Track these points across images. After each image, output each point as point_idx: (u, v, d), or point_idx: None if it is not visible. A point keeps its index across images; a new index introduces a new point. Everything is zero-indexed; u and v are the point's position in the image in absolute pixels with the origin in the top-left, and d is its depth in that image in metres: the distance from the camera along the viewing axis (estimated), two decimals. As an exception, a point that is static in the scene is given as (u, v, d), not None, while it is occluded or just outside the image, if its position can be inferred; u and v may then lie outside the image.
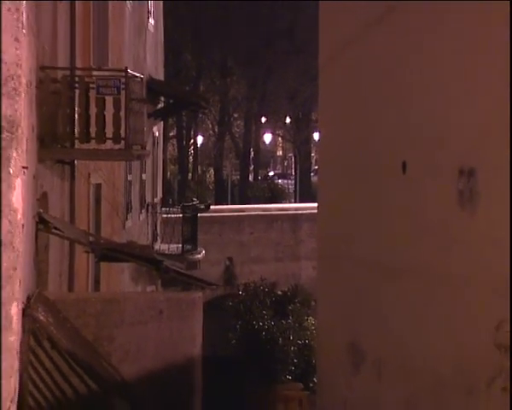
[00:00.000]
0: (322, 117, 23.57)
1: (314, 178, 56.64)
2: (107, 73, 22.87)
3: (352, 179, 19.19)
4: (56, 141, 19.92)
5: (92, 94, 21.33)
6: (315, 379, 22.95)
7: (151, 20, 34.23)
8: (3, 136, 7.19)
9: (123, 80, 22.18)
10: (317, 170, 42.27)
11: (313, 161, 64.38)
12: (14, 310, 7.23)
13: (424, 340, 15.49)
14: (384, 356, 17.20)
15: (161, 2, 37.11)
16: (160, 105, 32.69)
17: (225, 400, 18.31)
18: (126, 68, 23.40)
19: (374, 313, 17.69)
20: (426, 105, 15.85)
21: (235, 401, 20.39)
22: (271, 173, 77.22)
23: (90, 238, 21.76)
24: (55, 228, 18.17)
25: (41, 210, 16.39)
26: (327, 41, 20.77)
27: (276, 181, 75.43)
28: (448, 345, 14.38)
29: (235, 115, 70.68)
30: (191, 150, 68.06)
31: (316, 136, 43.47)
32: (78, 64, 22.29)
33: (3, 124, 7.20)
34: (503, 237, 12.60)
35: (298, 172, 70.47)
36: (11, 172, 7.20)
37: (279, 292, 33.67)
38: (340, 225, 19.95)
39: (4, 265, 7.15)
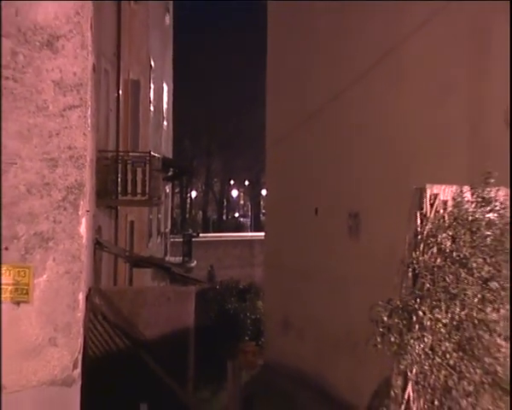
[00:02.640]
0: (268, 181, 23.67)
1: (262, 218, 56.49)
2: (137, 154, 22.83)
3: (285, 218, 19.22)
4: (107, 194, 19.93)
5: (129, 167, 21.35)
6: (262, 339, 22.86)
7: (165, 122, 34.24)
8: (75, 191, 7.18)
9: (148, 158, 22.20)
10: (264, 213, 42.18)
11: (261, 207, 64.05)
12: (81, 297, 7.19)
13: (328, 316, 15.51)
14: (303, 326, 17.21)
15: (171, 110, 37.01)
16: (170, 173, 32.57)
17: (207, 353, 18.32)
18: (150, 151, 23.46)
19: (297, 300, 17.69)
20: (329, 175, 15.95)
21: (213, 353, 20.35)
22: (237, 215, 76.81)
23: (127, 253, 21.69)
24: (106, 247, 18.11)
25: (97, 236, 16.33)
26: (269, 137, 20.85)
27: (239, 219, 75.24)
28: (343, 319, 14.42)
29: (215, 179, 70.72)
30: (188, 200, 67.86)
31: (263, 192, 43.52)
32: (121, 148, 22.27)
33: (75, 185, 7.18)
34: (375, 254, 12.67)
35: (252, 213, 70.68)
36: (79, 213, 7.14)
37: (241, 286, 33.52)
38: (278, 246, 19.94)
39: (75, 270, 7.12)
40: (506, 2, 10.27)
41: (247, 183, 72.21)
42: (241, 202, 78.13)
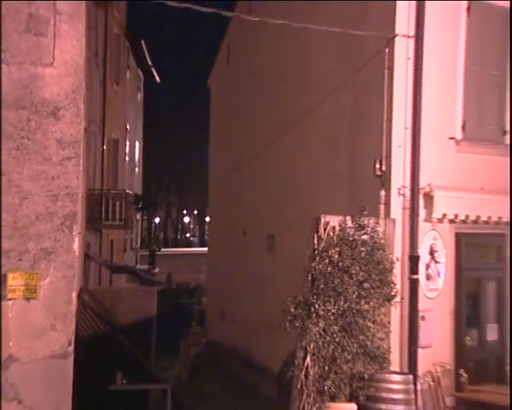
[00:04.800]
0: (210, 211, 23.68)
1: (206, 237, 56.23)
2: (116, 191, 22.63)
3: (222, 238, 19.22)
4: (94, 220, 19.67)
5: (110, 200, 21.17)
6: (206, 324, 22.72)
7: (136, 168, 33.95)
8: (72, 218, 7.14)
9: (124, 194, 22.04)
10: (207, 233, 42.04)
11: (206, 230, 63.78)
12: (74, 295, 7.13)
13: (252, 307, 15.49)
14: (235, 315, 17.17)
15: (141, 160, 36.57)
16: (140, 205, 32.25)
17: (166, 335, 18.17)
18: (125, 190, 23.29)
19: (230, 296, 17.66)
20: (254, 207, 16.02)
21: (170, 335, 20.17)
22: (188, 235, 76.27)
23: (108, 263, 21.44)
24: (93, 258, 17.87)
25: (87, 251, 16.12)
26: (211, 179, 20.89)
27: (190, 238, 74.70)
28: (263, 310, 14.40)
29: (173, 209, 70.28)
30: (153, 224, 67.28)
31: (207, 219, 43.56)
32: (104, 187, 22.03)
33: (71, 214, 7.14)
34: (285, 264, 12.71)
35: (199, 234, 70.35)
36: (73, 234, 7.11)
37: (191, 287, 33.25)
38: (217, 258, 19.92)
39: (70, 275, 7.08)
40: (379, 86, 10.46)
41: (195, 212, 71.95)
42: (191, 225, 77.58)
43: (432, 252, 10.59)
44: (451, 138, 10.91)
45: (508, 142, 11.51)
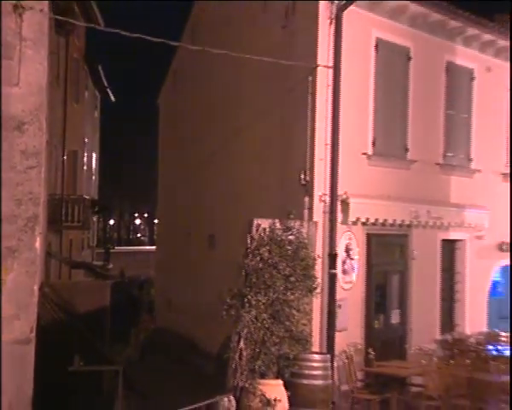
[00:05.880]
0: (158, 214, 23.46)
1: (155, 237, 55.43)
2: (75, 197, 22.13)
3: (169, 238, 19.05)
4: (55, 222, 19.17)
5: (69, 204, 20.73)
6: (154, 313, 22.35)
7: (93, 176, 33.14)
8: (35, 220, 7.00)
9: (82, 199, 21.58)
10: (156, 234, 41.57)
11: (155, 230, 63.06)
12: (35, 288, 6.99)
13: (195, 298, 15.39)
14: (180, 304, 17.05)
15: (98, 169, 35.70)
16: (96, 209, 31.45)
17: (119, 323, 17.80)
18: (83, 195, 22.81)
19: (176, 288, 17.52)
20: (197, 211, 15.97)
21: (122, 322, 19.77)
22: (139, 235, 75.13)
23: (67, 260, 20.96)
24: (54, 256, 17.45)
25: (48, 249, 15.74)
26: (160, 187, 20.72)
27: (140, 238, 73.49)
28: (204, 300, 14.23)
29: (125, 213, 69.21)
30: (108, 226, 66.03)
31: (156, 221, 42.99)
32: (64, 192, 21.46)
33: (33, 216, 7.00)
34: (224, 261, 12.65)
35: (149, 234, 69.43)
36: (35, 234, 6.97)
37: (141, 280, 32.74)
38: (164, 255, 19.75)
39: (32, 271, 6.95)
40: (304, 108, 10.54)
41: (145, 215, 71.03)
42: (142, 227, 76.51)
43: (347, 250, 10.86)
44: (364, 154, 11.23)
45: (409, 157, 11.92)
